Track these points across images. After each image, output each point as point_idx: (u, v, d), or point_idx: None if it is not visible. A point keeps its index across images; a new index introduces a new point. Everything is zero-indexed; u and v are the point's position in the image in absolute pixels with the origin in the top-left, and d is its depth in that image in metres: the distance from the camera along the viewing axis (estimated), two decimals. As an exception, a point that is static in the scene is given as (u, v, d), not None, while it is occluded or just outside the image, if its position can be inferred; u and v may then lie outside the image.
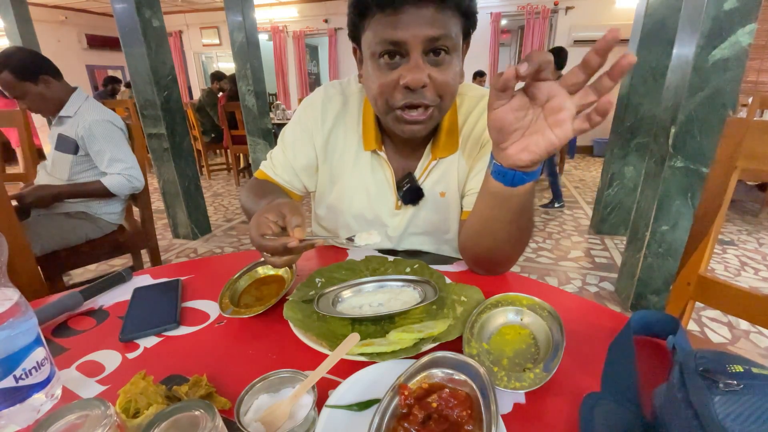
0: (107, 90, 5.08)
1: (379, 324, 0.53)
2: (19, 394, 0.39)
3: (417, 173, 0.73)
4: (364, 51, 0.61)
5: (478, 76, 4.99)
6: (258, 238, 0.51)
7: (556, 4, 5.44)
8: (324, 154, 0.77)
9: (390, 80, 0.59)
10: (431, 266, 0.64)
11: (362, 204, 0.77)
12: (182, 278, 0.67)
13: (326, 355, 0.43)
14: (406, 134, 0.65)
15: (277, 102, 5.48)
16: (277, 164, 0.79)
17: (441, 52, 0.57)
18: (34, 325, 0.41)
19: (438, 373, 0.39)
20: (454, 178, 0.73)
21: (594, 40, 5.48)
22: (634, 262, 1.77)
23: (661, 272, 1.69)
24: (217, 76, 4.54)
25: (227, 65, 7.88)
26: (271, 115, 4.14)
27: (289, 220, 0.51)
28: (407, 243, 0.79)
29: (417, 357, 0.41)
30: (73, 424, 0.30)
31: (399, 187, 0.74)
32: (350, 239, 0.62)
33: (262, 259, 0.67)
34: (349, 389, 0.41)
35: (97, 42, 7.35)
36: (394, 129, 0.66)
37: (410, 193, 0.73)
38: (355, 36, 0.63)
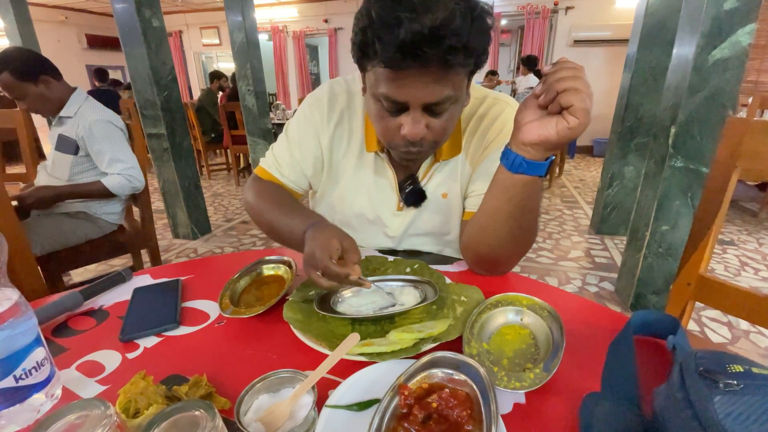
0: None
1: (379, 324, 0.53)
2: (19, 394, 0.39)
3: (420, 175, 0.73)
4: (367, 84, 0.60)
5: (490, 74, 4.97)
6: (326, 260, 0.52)
7: (556, 4, 5.43)
8: (329, 151, 0.76)
9: (391, 126, 0.59)
10: (431, 266, 0.64)
11: (363, 204, 0.77)
12: (182, 278, 0.67)
13: (326, 355, 0.43)
14: (405, 163, 0.69)
15: (277, 102, 5.48)
16: (283, 164, 0.76)
17: (442, 106, 0.56)
18: (34, 325, 0.41)
19: (438, 373, 0.39)
20: (457, 180, 0.73)
21: (594, 40, 5.47)
22: (634, 262, 1.77)
23: (661, 272, 1.69)
24: (216, 75, 4.54)
25: (227, 65, 7.88)
26: (271, 115, 4.14)
27: (349, 257, 0.54)
28: (408, 243, 0.79)
29: (417, 357, 0.41)
30: (73, 424, 0.30)
31: (401, 189, 0.74)
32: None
33: (263, 259, 0.67)
34: (349, 389, 0.41)
35: (97, 42, 7.35)
36: (394, 156, 0.68)
37: (412, 196, 0.73)
38: (360, 66, 0.61)
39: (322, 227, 0.58)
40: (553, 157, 0.53)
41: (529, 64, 4.45)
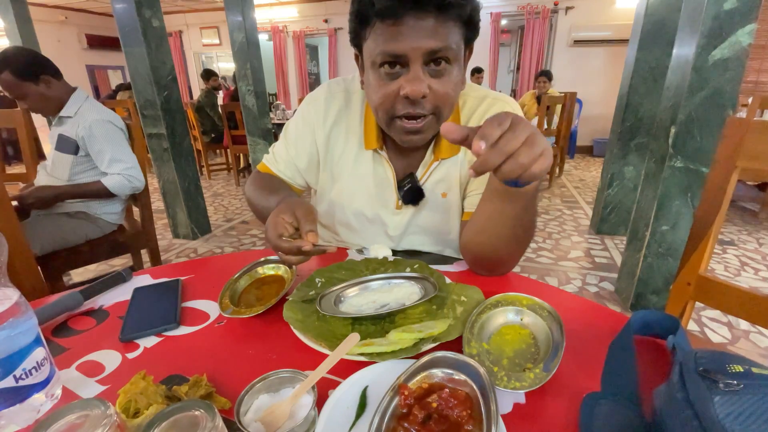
0: (116, 96, 5.06)
1: (379, 324, 0.53)
2: (19, 394, 0.39)
3: (419, 173, 0.73)
4: (365, 59, 0.62)
5: (476, 72, 4.99)
6: (275, 238, 0.53)
7: (556, 4, 5.43)
8: (325, 150, 0.77)
9: (390, 91, 0.59)
10: (431, 266, 0.64)
11: (362, 202, 0.77)
12: (182, 278, 0.67)
13: (326, 355, 0.43)
14: (406, 144, 0.67)
15: (277, 102, 5.48)
16: (280, 160, 0.80)
17: (441, 62, 0.57)
18: (34, 325, 0.40)
19: (438, 373, 0.39)
20: (456, 179, 0.73)
21: (594, 40, 5.46)
22: (634, 262, 1.77)
23: (661, 272, 1.69)
24: (207, 74, 4.57)
25: (227, 65, 7.88)
26: (271, 115, 4.14)
27: (302, 226, 0.53)
28: (407, 242, 0.79)
29: (417, 357, 0.41)
30: (73, 424, 0.30)
31: (400, 187, 0.74)
32: (360, 251, 0.64)
33: (262, 259, 0.68)
34: (349, 389, 0.41)
35: (97, 42, 7.35)
36: (395, 138, 0.67)
37: (411, 193, 0.73)
38: (357, 43, 0.63)
39: (280, 205, 0.58)
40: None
41: (548, 76, 4.42)
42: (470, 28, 0.58)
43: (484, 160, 0.40)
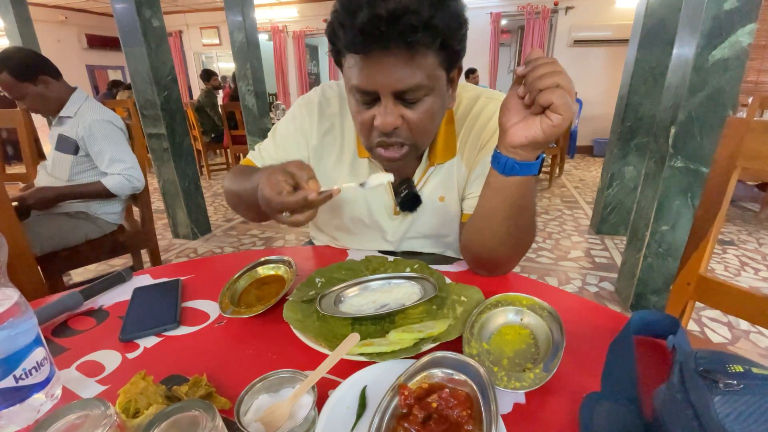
0: (111, 93, 5.08)
1: (379, 324, 0.53)
2: (19, 394, 0.39)
3: (415, 179, 0.72)
4: (344, 81, 0.61)
5: (471, 73, 4.96)
6: (275, 196, 0.49)
7: (556, 4, 5.43)
8: (319, 155, 0.75)
9: (365, 119, 0.58)
10: (431, 266, 0.64)
11: (360, 209, 0.76)
12: (182, 278, 0.67)
13: (326, 355, 0.43)
14: (387, 167, 0.67)
15: (277, 102, 5.47)
16: (267, 157, 0.76)
17: (414, 96, 0.55)
18: (34, 325, 0.41)
19: (438, 373, 0.39)
20: (454, 182, 0.72)
21: (594, 40, 5.45)
22: (634, 262, 1.77)
23: (661, 272, 1.69)
24: (207, 75, 4.58)
25: (227, 65, 7.88)
26: (271, 115, 4.13)
27: (300, 176, 0.50)
28: (407, 246, 0.79)
29: (417, 357, 0.41)
30: (73, 424, 0.30)
31: (397, 193, 0.73)
32: (362, 185, 0.62)
33: (263, 259, 0.67)
34: (349, 389, 0.41)
35: (97, 42, 7.35)
36: (379, 163, 0.67)
37: (408, 200, 0.72)
38: (339, 64, 0.61)
39: (266, 171, 0.53)
40: (544, 155, 0.53)
41: None
42: (448, 52, 0.55)
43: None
